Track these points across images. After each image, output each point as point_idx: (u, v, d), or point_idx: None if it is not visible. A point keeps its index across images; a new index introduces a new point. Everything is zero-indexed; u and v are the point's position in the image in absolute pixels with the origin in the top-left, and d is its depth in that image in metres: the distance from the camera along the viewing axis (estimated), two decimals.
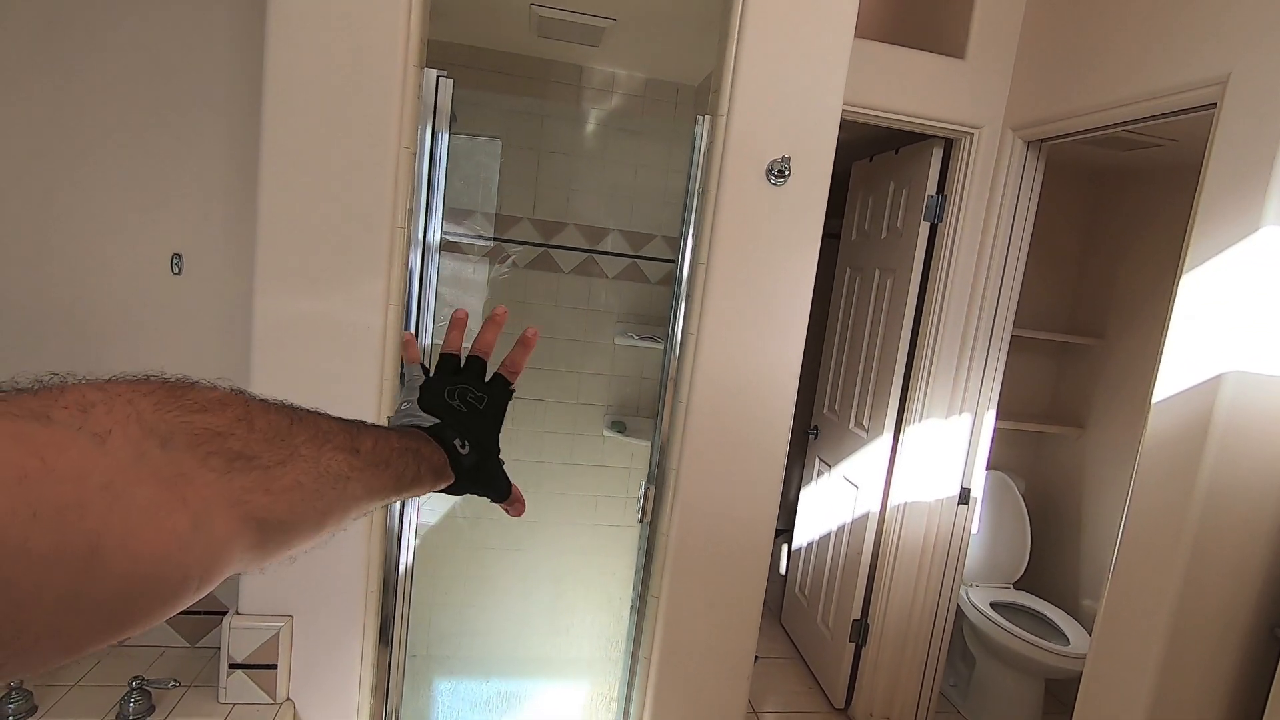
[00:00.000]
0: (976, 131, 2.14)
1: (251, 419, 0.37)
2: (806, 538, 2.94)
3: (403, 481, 0.50)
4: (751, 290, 1.54)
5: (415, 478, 0.52)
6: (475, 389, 0.63)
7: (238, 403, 0.37)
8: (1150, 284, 2.55)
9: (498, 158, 2.43)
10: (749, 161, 1.50)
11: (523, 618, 2.29)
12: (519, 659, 2.25)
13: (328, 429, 0.42)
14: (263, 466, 0.36)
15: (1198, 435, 1.41)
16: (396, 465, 0.49)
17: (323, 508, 0.41)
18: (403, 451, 0.50)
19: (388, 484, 0.48)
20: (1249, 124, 1.39)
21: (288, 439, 0.38)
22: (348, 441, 0.43)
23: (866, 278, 2.65)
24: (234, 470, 0.34)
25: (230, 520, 0.33)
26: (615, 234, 2.49)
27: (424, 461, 0.53)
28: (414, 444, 0.53)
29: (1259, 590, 1.47)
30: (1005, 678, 2.47)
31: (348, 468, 0.42)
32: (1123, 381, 2.63)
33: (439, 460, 0.56)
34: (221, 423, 0.35)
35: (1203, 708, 1.50)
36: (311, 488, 0.39)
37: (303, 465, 0.39)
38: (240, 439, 0.35)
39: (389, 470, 0.47)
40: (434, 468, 0.55)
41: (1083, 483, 2.77)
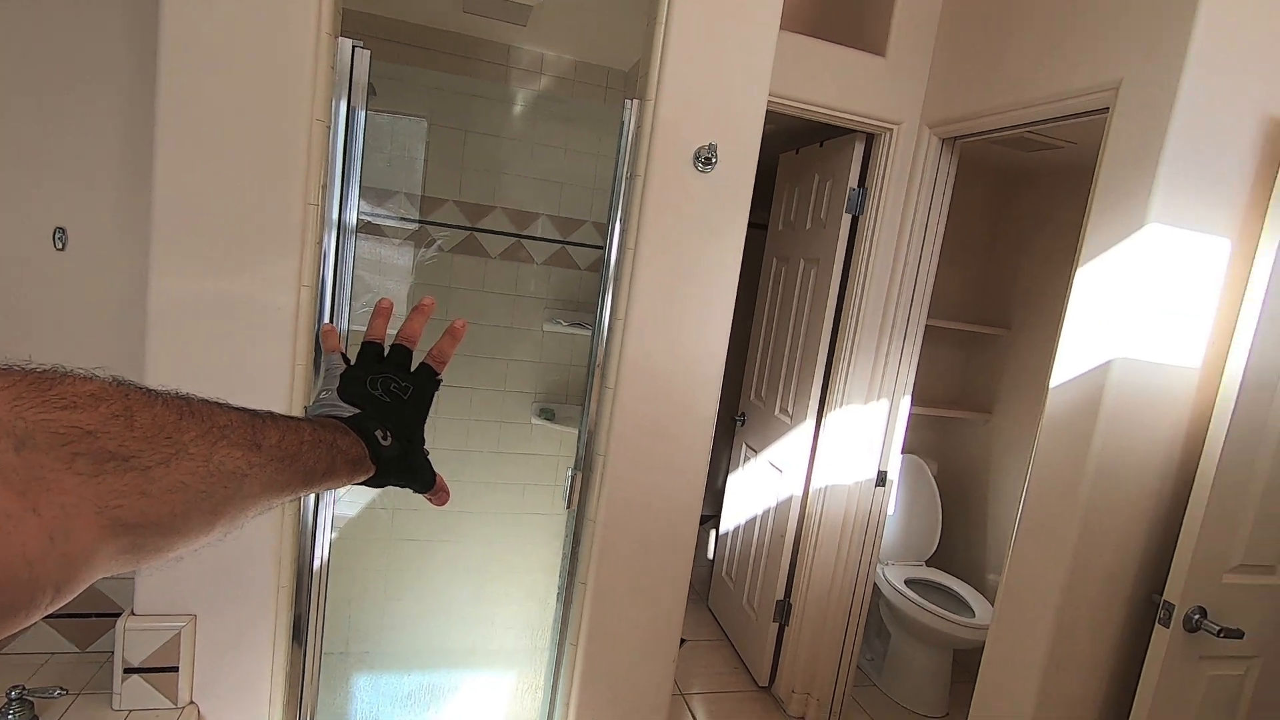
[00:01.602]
0: (895, 127, 2.21)
1: (132, 415, 0.34)
2: (733, 522, 3.00)
3: (313, 475, 0.48)
4: (679, 277, 1.55)
5: (329, 471, 0.49)
6: (399, 379, 0.61)
7: (115, 396, 0.34)
8: (1051, 278, 2.72)
9: (424, 138, 2.35)
10: (677, 148, 1.50)
11: (447, 609, 2.24)
12: (443, 651, 2.20)
13: (226, 423, 0.40)
14: (140, 468, 0.33)
15: (1089, 417, 1.51)
16: (306, 459, 0.46)
17: (212, 507, 0.38)
18: (314, 444, 0.48)
19: (295, 479, 0.45)
20: (1137, 128, 1.49)
21: (174, 436, 0.36)
22: (248, 436, 0.41)
23: (792, 268, 2.72)
24: (105, 473, 0.31)
25: (94, 528, 0.31)
26: (544, 219, 2.45)
27: (340, 454, 0.51)
28: (329, 435, 0.50)
29: (1139, 560, 1.59)
30: (917, 650, 2.60)
31: (245, 464, 0.40)
32: (1026, 369, 2.80)
33: (357, 452, 0.53)
34: (93, 420, 0.32)
35: (1091, 668, 1.62)
36: (198, 488, 0.36)
37: (189, 464, 0.36)
38: (115, 437, 0.32)
39: (296, 464, 0.45)
40: (351, 460, 0.53)
41: (989, 465, 2.94)
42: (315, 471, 0.48)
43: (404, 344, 0.63)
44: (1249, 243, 1.48)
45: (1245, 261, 1.48)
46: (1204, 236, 1.47)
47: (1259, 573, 1.53)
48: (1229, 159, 1.46)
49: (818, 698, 2.45)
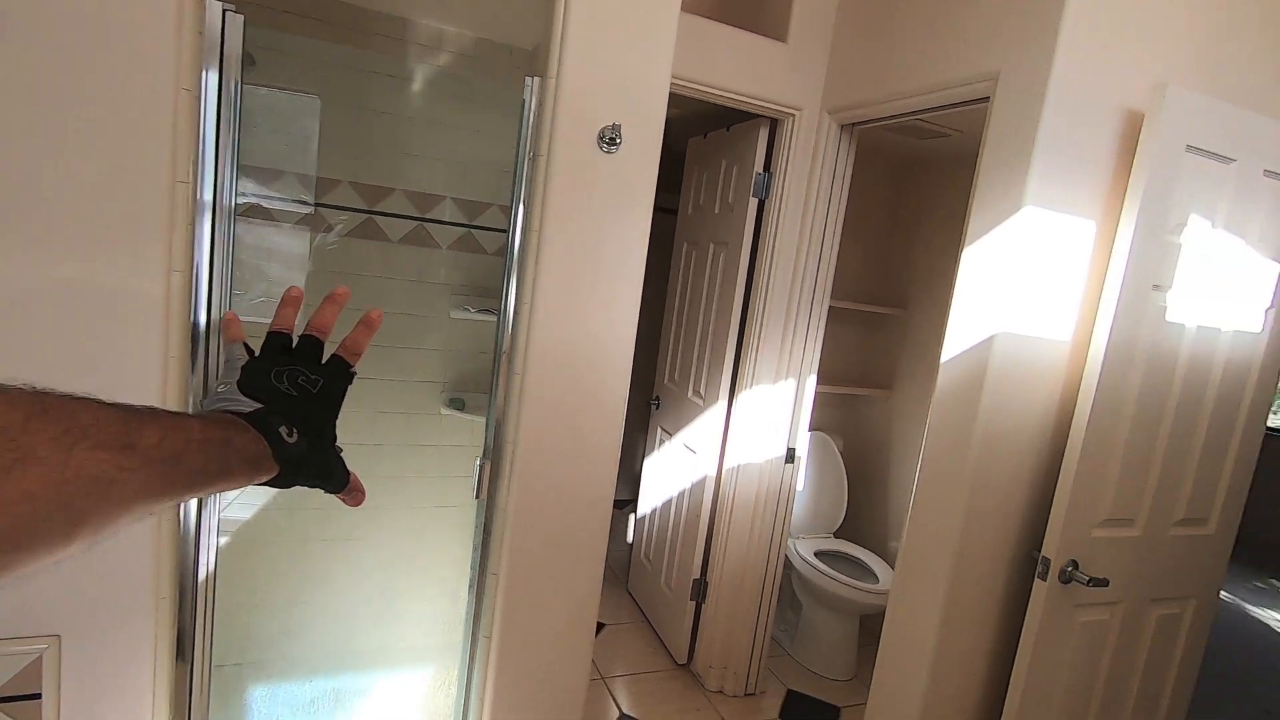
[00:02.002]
0: (797, 113, 2.27)
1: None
2: (651, 505, 3.02)
3: (203, 477, 0.43)
4: (586, 259, 1.53)
5: (221, 471, 0.45)
6: (308, 371, 0.56)
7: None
8: (943, 260, 2.87)
9: (316, 116, 2.21)
10: (580, 127, 1.47)
11: (354, 610, 2.14)
12: (350, 654, 2.11)
13: (90, 422, 0.35)
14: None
15: (975, 389, 1.61)
16: (193, 459, 0.42)
17: (71, 518, 0.34)
18: (204, 443, 0.43)
19: (178, 482, 0.41)
20: (1014, 117, 1.58)
21: (18, 439, 0.31)
22: (119, 435, 0.37)
23: (702, 251, 2.74)
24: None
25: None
26: (448, 201, 2.36)
27: (235, 452, 0.47)
28: (222, 432, 0.46)
29: (1020, 520, 1.72)
30: (827, 619, 2.72)
31: (114, 468, 0.36)
32: (922, 347, 2.95)
33: (256, 450, 0.49)
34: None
35: (981, 622, 1.74)
36: (50, 498, 0.32)
37: (39, 471, 0.32)
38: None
39: (181, 466, 0.41)
40: (249, 458, 0.48)
41: (890, 438, 3.09)
42: (205, 472, 0.43)
43: (314, 335, 0.58)
44: (1111, 224, 1.60)
45: (1108, 242, 1.61)
46: (1073, 219, 1.59)
47: (1122, 526, 1.68)
48: (1094, 147, 1.57)
49: (734, 671, 2.52)
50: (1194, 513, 1.78)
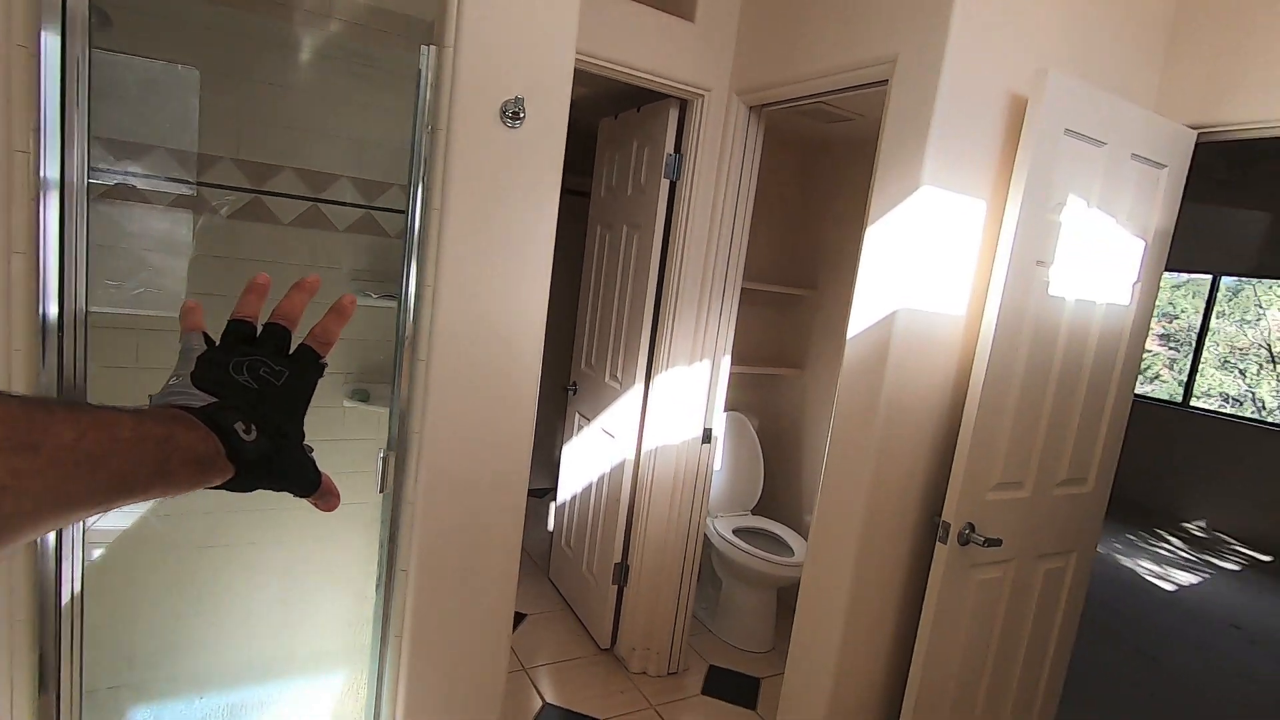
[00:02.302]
0: (706, 94, 2.26)
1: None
2: (571, 492, 2.99)
3: (133, 481, 0.37)
4: (490, 239, 1.47)
5: (159, 474, 0.38)
6: (271, 362, 0.49)
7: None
8: (849, 241, 2.96)
9: (195, 88, 2.02)
10: (481, 100, 1.41)
11: (249, 619, 2.01)
12: (246, 665, 1.98)
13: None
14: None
15: (879, 363, 1.66)
16: (120, 460, 0.35)
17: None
18: (136, 442, 0.37)
19: (99, 487, 0.35)
20: (911, 100, 1.63)
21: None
22: (18, 435, 0.31)
23: (616, 234, 2.71)
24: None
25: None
26: (344, 181, 2.22)
27: (177, 452, 0.40)
28: (161, 429, 0.39)
29: (923, 487, 1.79)
30: (746, 593, 2.78)
31: (5, 473, 0.30)
32: (830, 326, 3.04)
33: (206, 448, 0.42)
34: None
35: (888, 585, 1.81)
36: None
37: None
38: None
39: (102, 469, 0.34)
40: (196, 459, 0.41)
41: (803, 415, 3.18)
42: (135, 476, 0.37)
43: (280, 324, 0.52)
44: (999, 204, 1.69)
45: (997, 220, 1.69)
46: (965, 199, 1.66)
47: (1012, 488, 1.79)
48: (983, 129, 1.65)
49: (657, 651, 2.54)
50: (1074, 473, 1.91)
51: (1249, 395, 7.42)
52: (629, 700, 2.39)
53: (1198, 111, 1.83)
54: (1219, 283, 5.87)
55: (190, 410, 0.44)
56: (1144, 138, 1.74)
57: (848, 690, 1.81)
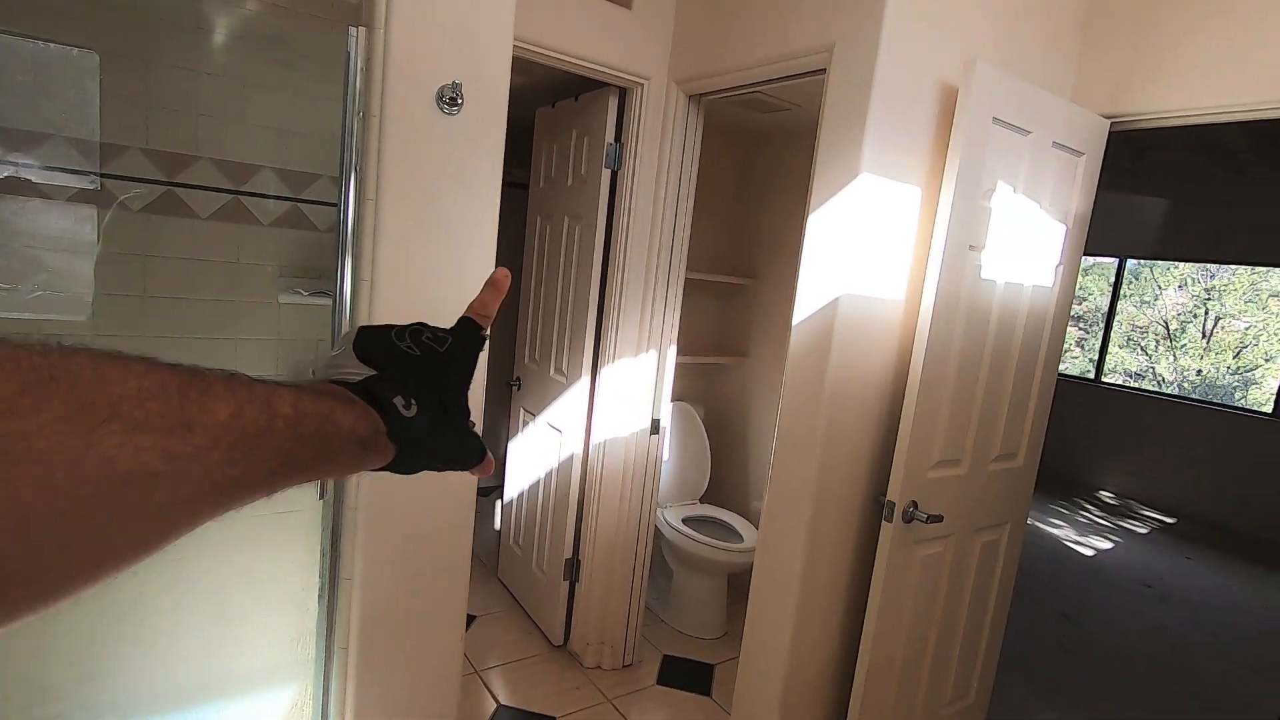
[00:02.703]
0: (645, 82, 2.25)
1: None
2: (518, 489, 2.94)
3: (294, 463, 0.32)
4: (431, 231, 1.41)
5: (320, 454, 0.34)
6: (434, 329, 0.46)
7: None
8: (788, 230, 3.01)
9: (95, 74, 1.86)
10: (416, 86, 1.35)
11: (178, 639, 1.88)
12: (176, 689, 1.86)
13: (123, 393, 0.25)
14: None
15: (824, 348, 1.69)
16: (281, 440, 0.31)
17: (95, 537, 0.24)
18: (297, 419, 0.32)
19: (261, 471, 0.30)
20: (848, 88, 1.66)
21: (5, 422, 0.21)
22: (168, 412, 0.26)
23: (557, 226, 2.67)
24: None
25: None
26: (267, 172, 2.10)
27: (338, 431, 0.35)
28: (321, 405, 0.34)
29: (868, 468, 1.84)
30: (697, 581, 2.80)
31: (160, 457, 0.25)
32: (772, 313, 3.09)
33: (364, 426, 0.37)
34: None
35: (837, 565, 1.85)
36: (56, 509, 0.22)
37: (35, 471, 0.22)
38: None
39: (263, 450, 0.30)
40: (359, 439, 0.37)
41: (748, 403, 3.22)
42: (297, 457, 0.32)
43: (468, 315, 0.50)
44: (934, 190, 1.74)
45: (932, 207, 1.74)
46: (902, 186, 1.70)
47: (951, 466, 1.85)
48: (917, 118, 1.69)
49: (611, 645, 2.53)
50: (1006, 449, 2.00)
51: (1150, 370, 7.99)
52: (585, 696, 2.37)
53: (1110, 102, 1.94)
54: (1124, 266, 6.27)
55: (347, 386, 0.40)
56: (1064, 127, 1.83)
57: (801, 669, 1.84)
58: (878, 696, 1.87)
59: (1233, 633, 3.50)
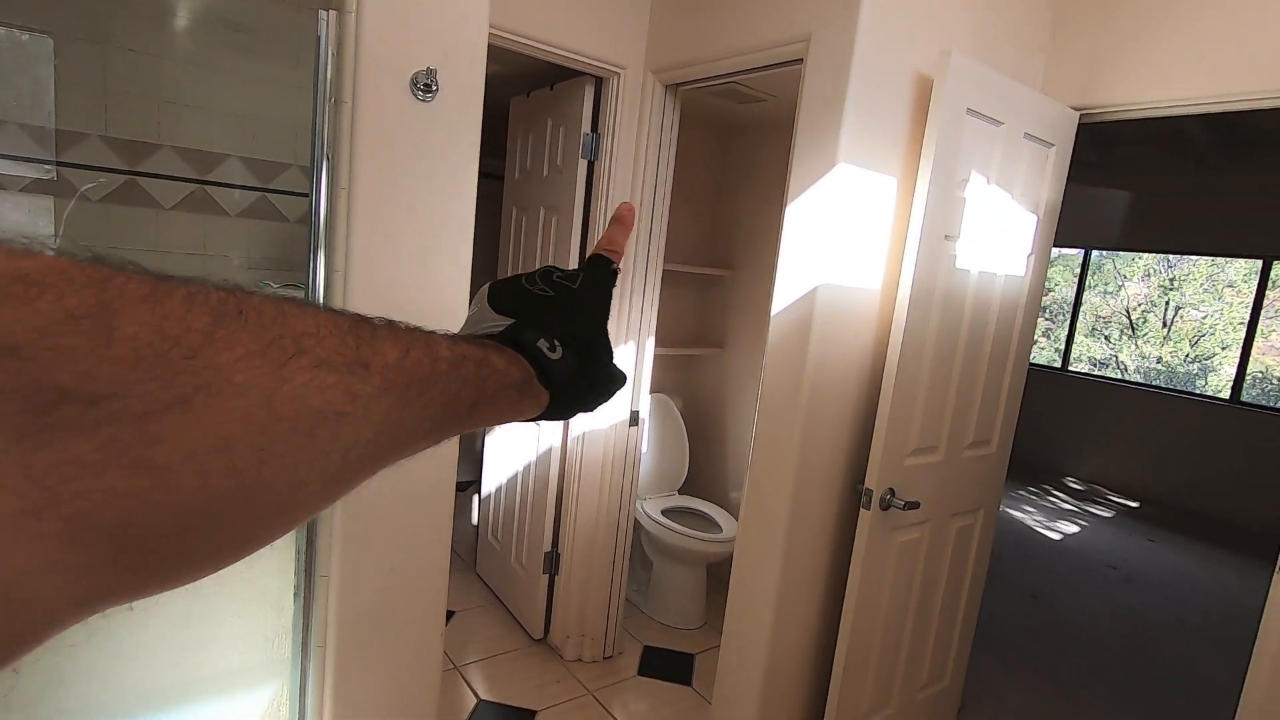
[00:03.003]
0: (622, 72, 2.23)
1: (112, 316, 0.19)
2: (495, 483, 2.92)
3: (457, 407, 0.31)
4: (407, 221, 1.38)
5: (480, 399, 0.32)
6: (563, 269, 0.45)
7: (79, 282, 0.19)
8: (765, 221, 3.02)
9: (49, 58, 1.79)
10: (389, 71, 1.32)
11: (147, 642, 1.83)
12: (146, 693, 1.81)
13: (305, 330, 0.24)
14: (129, 416, 0.19)
15: (803, 338, 1.70)
16: (445, 383, 0.30)
17: (288, 476, 0.23)
18: (456, 362, 0.31)
19: (430, 415, 0.29)
20: (826, 78, 1.66)
21: (200, 354, 0.20)
22: (347, 350, 0.25)
23: (533, 217, 2.65)
24: (49, 429, 0.17)
25: (31, 539, 0.17)
26: (234, 161, 2.05)
27: (495, 374, 0.34)
28: (475, 350, 0.34)
29: (847, 456, 1.86)
30: (677, 572, 2.81)
31: (344, 396, 0.25)
32: (749, 304, 3.10)
33: (517, 371, 0.36)
34: (23, 323, 0.17)
35: (817, 553, 1.87)
36: (254, 445, 0.21)
37: (234, 405, 0.21)
38: (73, 359, 0.18)
39: (431, 393, 0.29)
40: (512, 382, 0.36)
41: (725, 394, 3.23)
42: (460, 400, 0.31)
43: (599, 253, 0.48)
44: (909, 180, 1.75)
45: (908, 197, 1.76)
46: (878, 176, 1.71)
47: (927, 454, 1.88)
48: (893, 108, 1.70)
49: (592, 637, 2.52)
50: (980, 436, 2.04)
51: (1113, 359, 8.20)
52: (566, 689, 2.37)
53: (1078, 94, 1.97)
54: (1090, 257, 6.42)
55: (492, 337, 0.39)
56: (1036, 118, 1.85)
57: (781, 656, 1.86)
58: (856, 681, 1.90)
59: (1192, 611, 3.62)
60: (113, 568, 0.19)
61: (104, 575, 0.19)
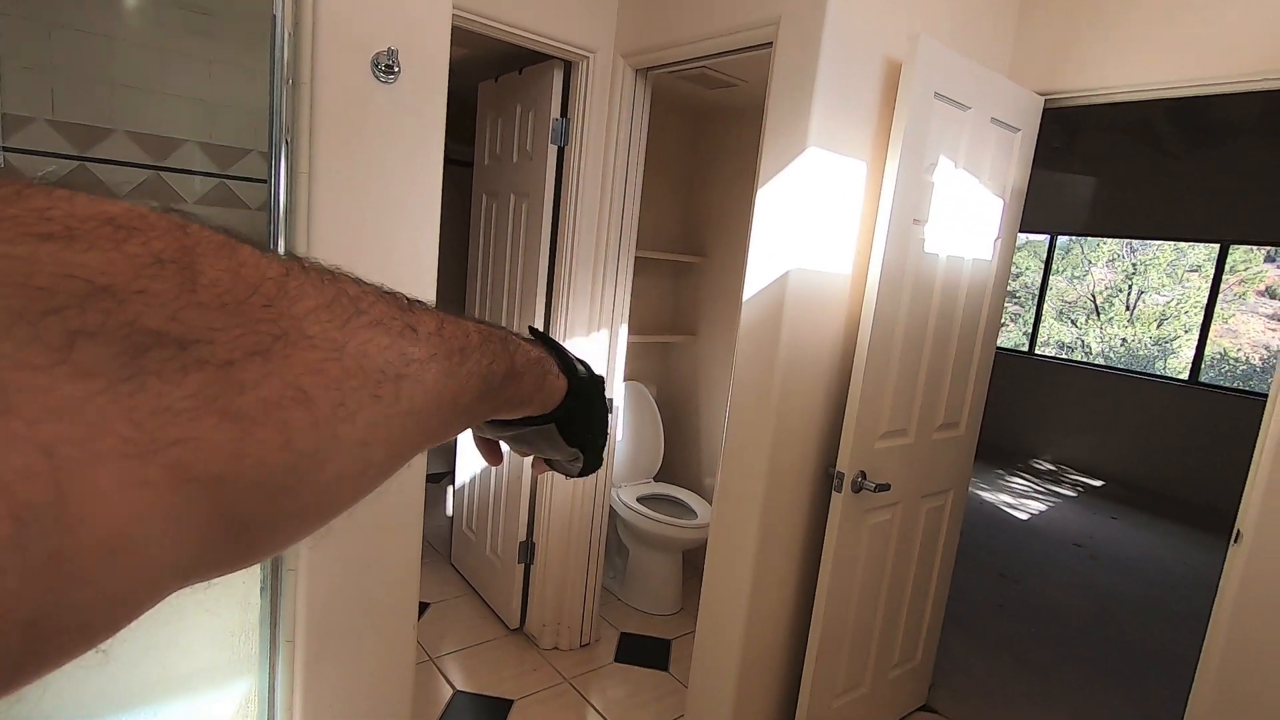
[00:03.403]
0: (591, 55, 2.20)
1: (195, 263, 0.19)
2: (469, 474, 2.89)
3: (492, 380, 0.31)
4: (371, 205, 1.35)
5: (511, 374, 0.33)
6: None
7: (162, 229, 0.18)
8: (736, 207, 3.02)
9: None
10: (350, 51, 1.28)
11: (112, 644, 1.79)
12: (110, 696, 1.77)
13: (358, 292, 0.24)
14: (218, 361, 0.18)
15: (775, 323, 1.70)
16: (480, 355, 0.30)
17: (359, 435, 0.22)
18: (486, 337, 0.31)
19: (470, 386, 0.29)
20: (796, 61, 1.65)
21: (276, 303, 0.20)
22: (394, 313, 0.25)
23: (503, 203, 2.61)
24: (144, 373, 0.17)
25: (134, 486, 0.16)
26: (190, 146, 1.98)
27: (520, 350, 0.35)
28: (499, 330, 0.34)
29: (819, 440, 1.87)
30: (653, 559, 2.81)
31: (399, 357, 0.24)
32: (722, 291, 3.10)
33: (539, 354, 0.37)
34: (113, 267, 0.17)
35: (791, 537, 1.88)
36: (330, 403, 0.21)
37: (311, 356, 0.21)
38: (162, 302, 0.18)
39: (469, 363, 0.29)
40: (536, 360, 0.37)
41: (698, 381, 3.24)
42: (494, 373, 0.31)
43: None
44: (879, 165, 1.76)
45: (877, 181, 1.76)
46: (848, 160, 1.71)
47: (898, 436, 1.90)
48: (863, 92, 1.70)
49: (568, 625, 2.52)
50: (949, 418, 2.06)
51: (1079, 342, 8.38)
52: (543, 677, 2.37)
53: (1044, 80, 1.99)
54: (1056, 242, 6.53)
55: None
56: (1002, 103, 1.87)
57: (756, 638, 1.88)
58: (830, 661, 1.92)
59: (1154, 586, 3.73)
60: (212, 528, 0.19)
61: (203, 537, 0.19)
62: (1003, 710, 2.44)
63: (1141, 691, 2.68)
